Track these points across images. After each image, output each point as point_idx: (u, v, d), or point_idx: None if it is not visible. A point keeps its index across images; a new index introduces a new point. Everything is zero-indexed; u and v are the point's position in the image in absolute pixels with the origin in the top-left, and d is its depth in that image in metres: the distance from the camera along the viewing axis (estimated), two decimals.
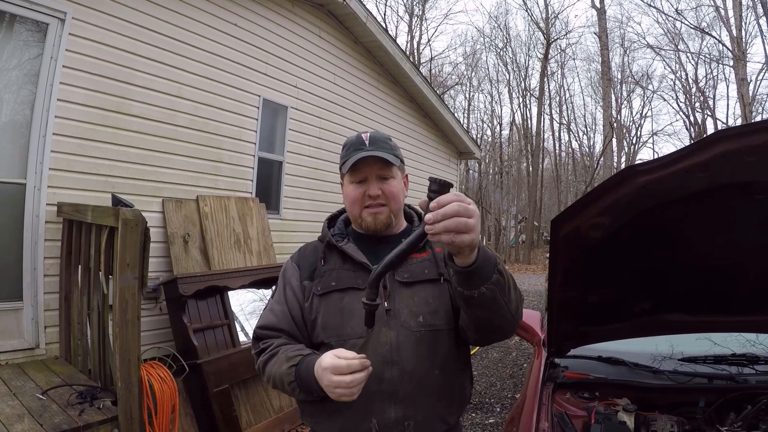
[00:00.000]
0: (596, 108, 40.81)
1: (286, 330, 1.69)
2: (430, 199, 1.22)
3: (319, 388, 1.44)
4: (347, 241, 1.74)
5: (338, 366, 1.37)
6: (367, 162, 1.65)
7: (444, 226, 1.18)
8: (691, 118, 32.77)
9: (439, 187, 1.23)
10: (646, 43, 35.59)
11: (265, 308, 1.79)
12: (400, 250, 1.33)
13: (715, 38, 26.65)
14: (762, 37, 26.64)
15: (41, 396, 3.37)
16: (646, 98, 37.76)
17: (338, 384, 1.37)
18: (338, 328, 1.60)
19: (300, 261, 1.78)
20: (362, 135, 1.71)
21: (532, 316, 3.78)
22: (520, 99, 37.81)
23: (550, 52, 33.12)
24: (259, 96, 6.49)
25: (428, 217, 1.19)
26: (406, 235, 1.73)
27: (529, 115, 36.93)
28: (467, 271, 1.29)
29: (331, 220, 1.88)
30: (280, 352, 1.61)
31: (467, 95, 40.95)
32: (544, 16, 33.46)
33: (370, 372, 1.40)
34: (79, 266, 4.05)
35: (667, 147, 41.05)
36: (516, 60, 38.56)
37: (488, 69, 45.05)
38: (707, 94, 31.40)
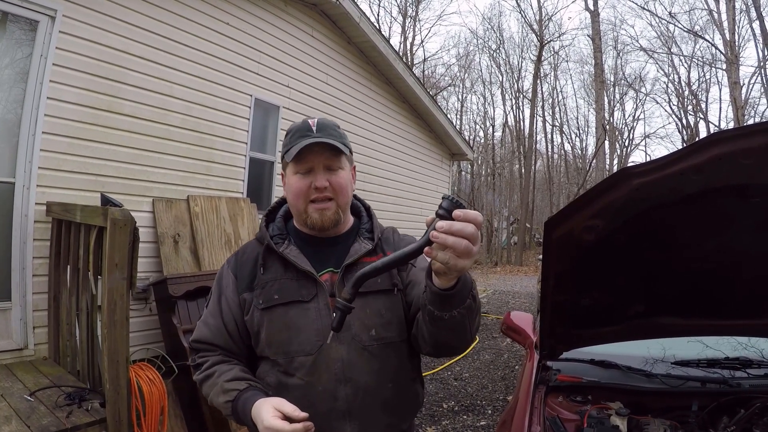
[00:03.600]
0: (589, 110, 40.92)
1: (221, 345, 1.61)
2: (439, 216, 1.13)
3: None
4: (288, 244, 1.61)
5: (281, 430, 1.30)
6: (314, 150, 1.51)
7: (452, 242, 1.09)
8: (684, 121, 32.98)
9: (451, 206, 1.13)
10: (639, 45, 35.76)
11: (200, 318, 1.68)
12: (397, 257, 1.23)
13: (708, 41, 26.84)
14: (755, 41, 26.83)
15: (29, 397, 3.33)
16: (638, 101, 37.95)
17: None
18: (284, 344, 1.51)
19: (237, 270, 1.63)
20: (309, 120, 1.57)
21: (524, 319, 3.76)
22: (513, 101, 37.91)
23: (543, 54, 33.17)
24: (251, 96, 6.46)
25: (441, 224, 1.10)
26: (354, 233, 1.67)
27: (521, 117, 37.09)
28: (445, 294, 1.22)
29: (270, 215, 1.75)
30: (216, 375, 1.55)
31: (460, 97, 41.01)
32: (537, 18, 33.47)
33: None
34: (68, 266, 4.02)
35: (659, 150, 41.34)
36: (509, 62, 38.62)
37: (481, 71, 45.47)
38: (700, 97, 31.62)
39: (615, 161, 35.14)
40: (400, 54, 12.61)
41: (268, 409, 1.35)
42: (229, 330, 1.59)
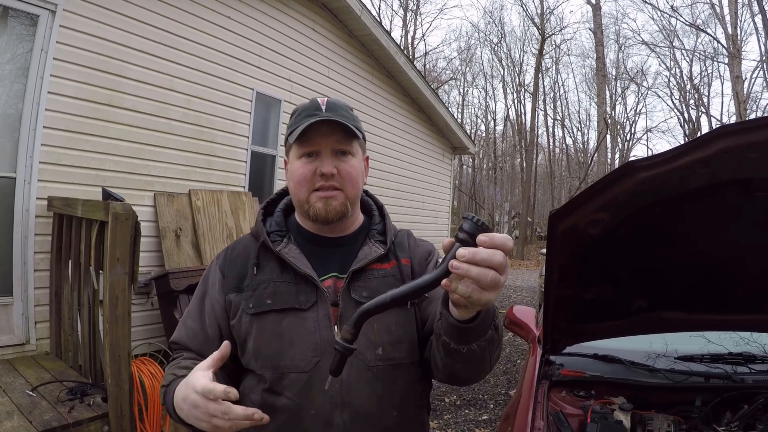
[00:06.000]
0: (590, 104, 41.03)
1: (195, 350, 1.38)
2: (460, 241, 0.94)
3: (177, 417, 1.19)
4: (287, 242, 1.39)
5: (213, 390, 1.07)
6: (322, 130, 1.30)
7: (476, 274, 0.90)
8: (686, 115, 32.88)
9: (474, 228, 0.93)
10: (641, 39, 35.62)
11: (182, 316, 1.47)
12: (407, 290, 1.02)
13: (710, 35, 26.70)
14: (757, 35, 26.86)
15: (31, 392, 3.33)
16: (640, 95, 38.05)
17: (214, 413, 1.06)
18: (274, 358, 1.29)
19: (226, 267, 1.42)
20: (318, 99, 1.37)
21: (527, 313, 3.75)
22: (515, 94, 37.93)
23: (545, 47, 33.08)
24: (253, 89, 6.45)
25: (463, 252, 0.90)
26: (363, 234, 1.47)
27: (523, 111, 37.19)
28: (464, 327, 1.05)
29: (268, 208, 1.53)
30: (172, 366, 1.36)
31: (461, 90, 41.03)
32: (539, 11, 33.38)
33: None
34: (70, 261, 4.01)
35: (661, 144, 41.35)
36: (510, 55, 38.63)
37: (483, 64, 45.22)
38: (702, 91, 31.50)
39: (617, 155, 35.18)
40: (402, 47, 12.59)
41: (201, 375, 1.12)
42: (209, 334, 1.38)
